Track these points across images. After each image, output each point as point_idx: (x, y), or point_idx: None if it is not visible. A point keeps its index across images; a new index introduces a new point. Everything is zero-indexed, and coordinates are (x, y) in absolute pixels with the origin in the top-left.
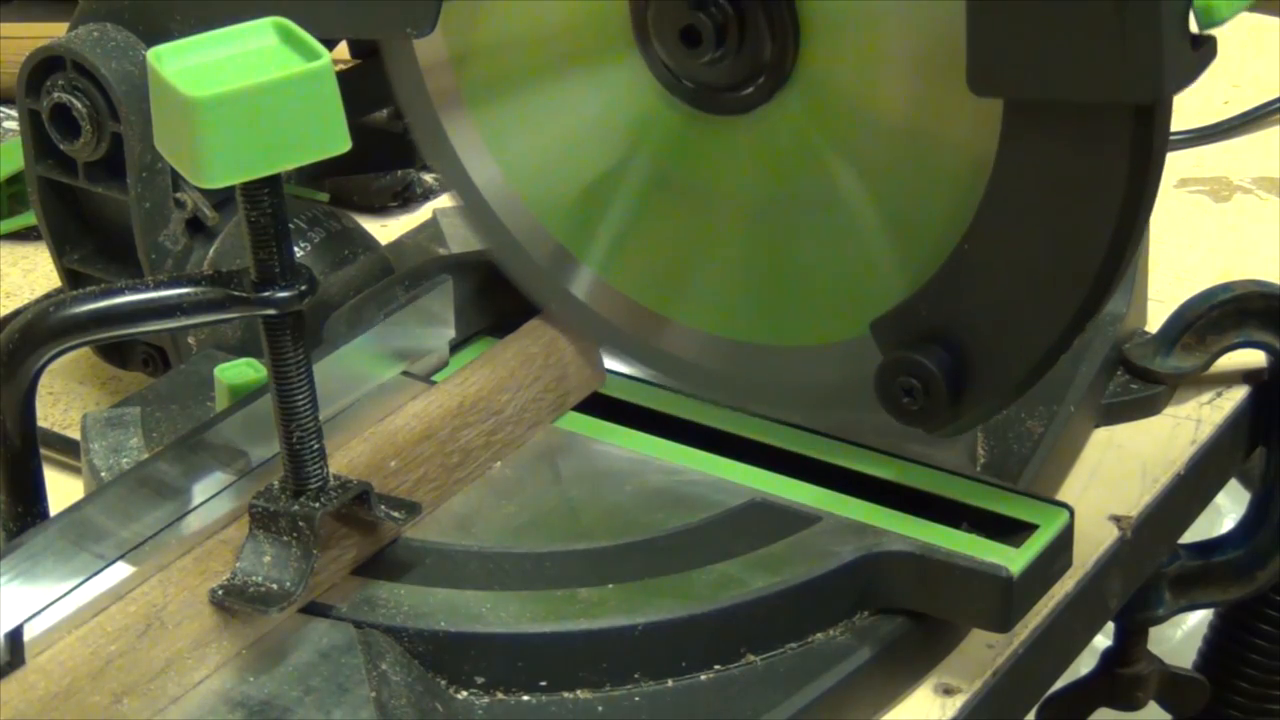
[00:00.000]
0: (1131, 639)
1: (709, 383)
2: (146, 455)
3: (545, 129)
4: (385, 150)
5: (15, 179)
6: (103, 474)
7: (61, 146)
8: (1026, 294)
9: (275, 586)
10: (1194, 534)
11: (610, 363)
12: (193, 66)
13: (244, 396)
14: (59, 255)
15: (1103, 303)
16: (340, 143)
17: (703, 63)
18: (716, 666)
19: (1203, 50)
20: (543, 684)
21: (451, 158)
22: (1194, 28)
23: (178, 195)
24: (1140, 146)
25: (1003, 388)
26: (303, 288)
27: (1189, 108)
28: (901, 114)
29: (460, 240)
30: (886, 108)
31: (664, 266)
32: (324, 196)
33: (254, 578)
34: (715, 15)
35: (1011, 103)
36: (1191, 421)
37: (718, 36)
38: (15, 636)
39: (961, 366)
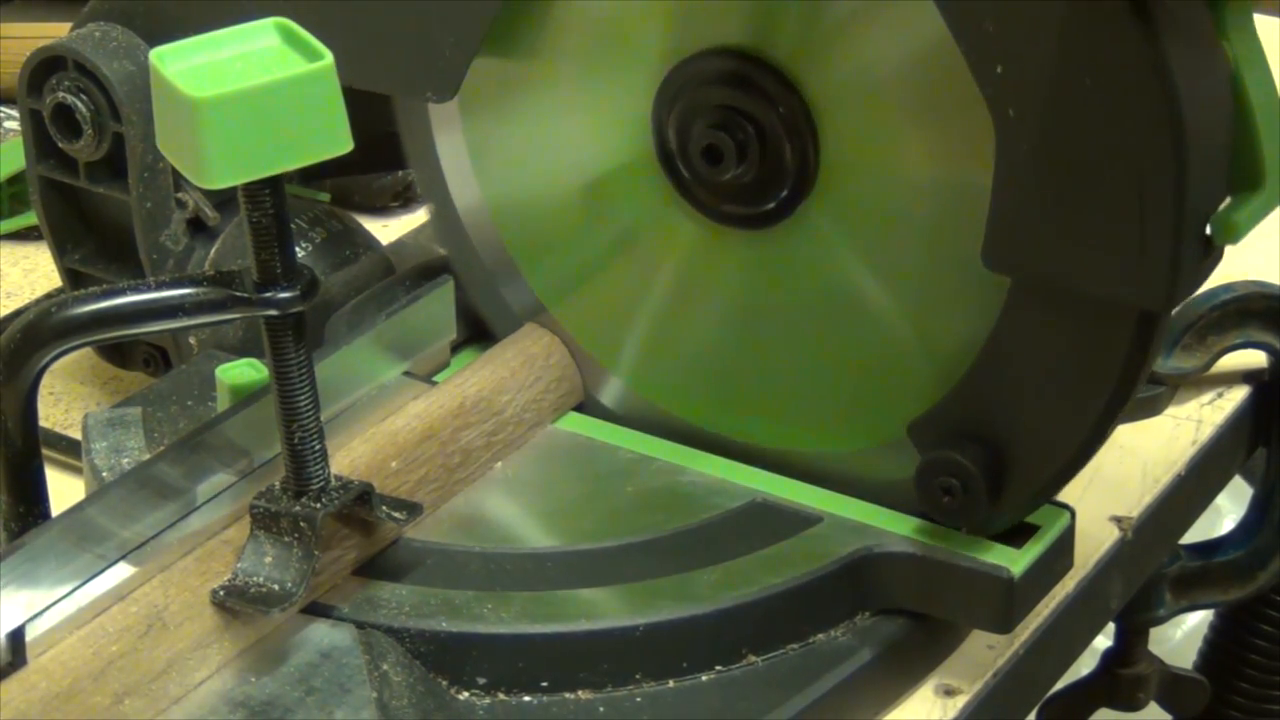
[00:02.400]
0: (1132, 639)
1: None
2: (148, 456)
3: (536, 163)
4: (387, 151)
5: (16, 179)
6: (104, 474)
7: (63, 146)
8: (1056, 391)
9: (276, 587)
10: (1194, 534)
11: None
12: (195, 67)
13: (245, 397)
14: (60, 255)
15: (1131, 395)
16: (342, 143)
17: (724, 180)
18: (718, 667)
19: (1212, 257)
20: (544, 684)
21: (435, 168)
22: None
23: (179, 195)
24: (1140, 341)
25: (1041, 481)
26: (304, 288)
27: None
28: (924, 220)
29: None
30: (909, 215)
31: (660, 355)
32: (325, 196)
33: (255, 578)
34: (736, 133)
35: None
36: (1192, 422)
37: (739, 154)
38: (17, 637)
39: (999, 463)
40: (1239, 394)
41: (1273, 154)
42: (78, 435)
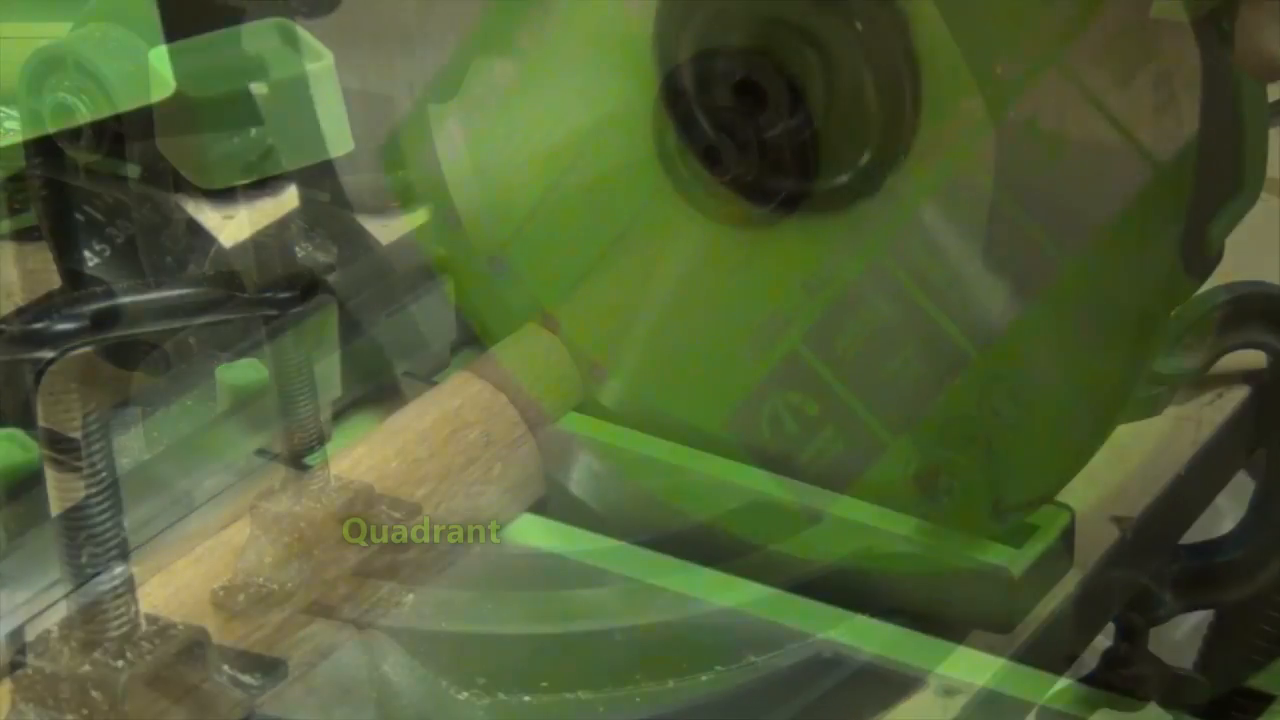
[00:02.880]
0: (1132, 639)
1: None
2: (148, 456)
3: (535, 163)
4: None
5: (16, 179)
6: (104, 474)
7: (63, 146)
8: (1056, 391)
9: (277, 587)
10: (1194, 535)
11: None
12: (195, 67)
13: (246, 397)
14: (60, 255)
15: (1131, 395)
16: (343, 143)
17: (725, 180)
18: (718, 667)
19: (1211, 258)
20: (544, 684)
21: (434, 168)
22: None
23: (179, 195)
24: (1139, 342)
25: (1041, 484)
26: (304, 288)
27: None
28: (924, 220)
29: None
30: (910, 216)
31: (660, 355)
32: (325, 196)
33: (255, 578)
34: (737, 134)
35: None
36: (1192, 422)
37: (738, 155)
38: (17, 637)
39: (999, 463)
40: (1239, 394)
41: (1256, 160)
42: (78, 435)
